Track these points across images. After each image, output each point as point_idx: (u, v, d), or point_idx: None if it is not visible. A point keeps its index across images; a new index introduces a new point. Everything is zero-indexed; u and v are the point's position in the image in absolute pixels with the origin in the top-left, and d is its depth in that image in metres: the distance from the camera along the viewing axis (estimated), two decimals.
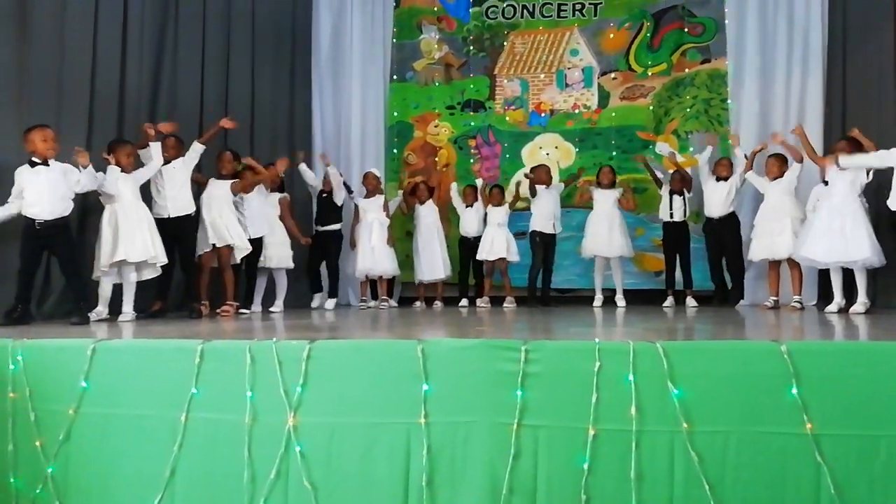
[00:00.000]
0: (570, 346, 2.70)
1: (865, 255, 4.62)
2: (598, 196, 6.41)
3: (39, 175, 4.25)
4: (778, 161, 5.76)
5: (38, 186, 4.24)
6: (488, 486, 2.57)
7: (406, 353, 2.69)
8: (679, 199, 6.25)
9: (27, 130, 4.31)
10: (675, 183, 6.30)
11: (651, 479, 2.51)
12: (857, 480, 2.43)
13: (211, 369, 2.78)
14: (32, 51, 4.79)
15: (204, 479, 2.75)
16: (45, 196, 4.23)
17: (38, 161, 4.26)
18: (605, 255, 6.31)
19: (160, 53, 5.83)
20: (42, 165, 4.27)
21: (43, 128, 4.30)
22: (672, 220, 6.24)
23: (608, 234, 6.25)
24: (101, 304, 4.64)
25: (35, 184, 4.24)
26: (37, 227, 4.22)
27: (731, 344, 2.78)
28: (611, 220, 6.28)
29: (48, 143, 4.27)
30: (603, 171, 6.49)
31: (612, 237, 6.25)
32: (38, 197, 4.23)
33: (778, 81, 6.59)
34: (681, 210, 6.23)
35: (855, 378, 2.47)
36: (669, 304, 6.16)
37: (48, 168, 4.28)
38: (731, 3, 6.81)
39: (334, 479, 2.67)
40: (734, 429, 2.49)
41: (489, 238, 6.45)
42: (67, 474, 2.85)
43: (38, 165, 4.26)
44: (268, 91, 6.71)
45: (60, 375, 2.89)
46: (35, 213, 4.22)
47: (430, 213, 6.73)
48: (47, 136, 4.27)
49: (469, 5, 7.37)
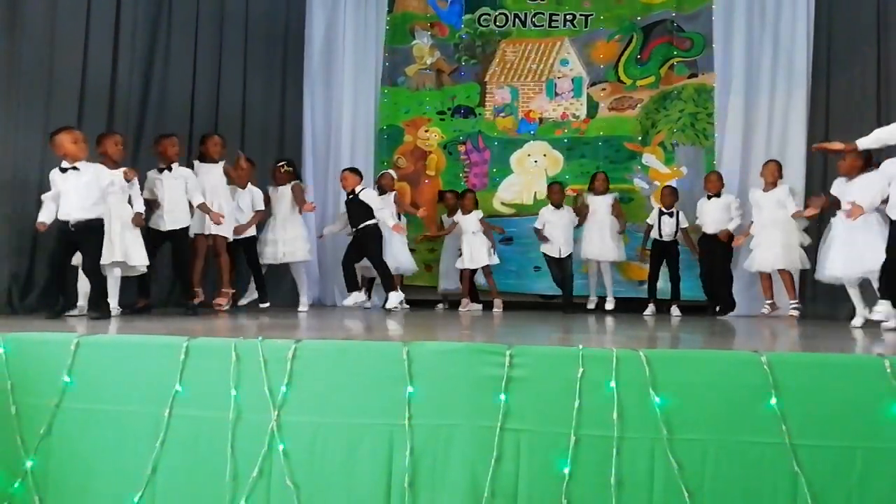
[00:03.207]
0: (554, 351, 2.72)
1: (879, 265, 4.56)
2: (591, 202, 6.47)
3: (70, 180, 4.21)
4: (774, 166, 5.82)
5: (70, 191, 4.20)
6: (470, 489, 2.58)
7: (391, 355, 2.71)
8: (668, 219, 6.26)
9: (54, 133, 4.26)
10: (664, 200, 6.34)
11: (631, 485, 2.54)
12: (834, 491, 2.47)
13: (196, 366, 2.77)
14: (23, 46, 4.76)
15: (186, 477, 2.73)
16: (78, 199, 4.20)
17: (68, 166, 4.22)
18: (597, 258, 6.37)
19: (152, 52, 5.82)
20: (73, 170, 4.22)
21: (71, 129, 4.27)
22: (661, 238, 6.28)
23: (600, 239, 6.33)
24: (81, 300, 4.61)
25: (68, 188, 4.20)
26: (71, 228, 4.20)
27: (713, 353, 2.82)
28: (603, 226, 6.35)
29: (79, 145, 4.24)
30: (597, 178, 6.54)
31: (603, 242, 6.32)
32: (72, 199, 4.19)
33: (762, 99, 6.68)
34: (670, 230, 6.25)
35: (833, 390, 2.52)
36: (650, 312, 6.20)
37: (79, 172, 4.22)
38: (718, 20, 6.91)
39: (317, 478, 2.67)
40: (714, 437, 2.52)
41: (467, 247, 6.46)
42: (47, 469, 2.82)
43: (70, 170, 4.21)
44: (259, 93, 6.71)
45: (43, 369, 2.86)
46: (69, 214, 4.20)
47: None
48: (77, 137, 4.24)
49: (461, 12, 7.42)
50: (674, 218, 6.27)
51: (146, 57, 5.76)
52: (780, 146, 6.51)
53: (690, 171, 6.89)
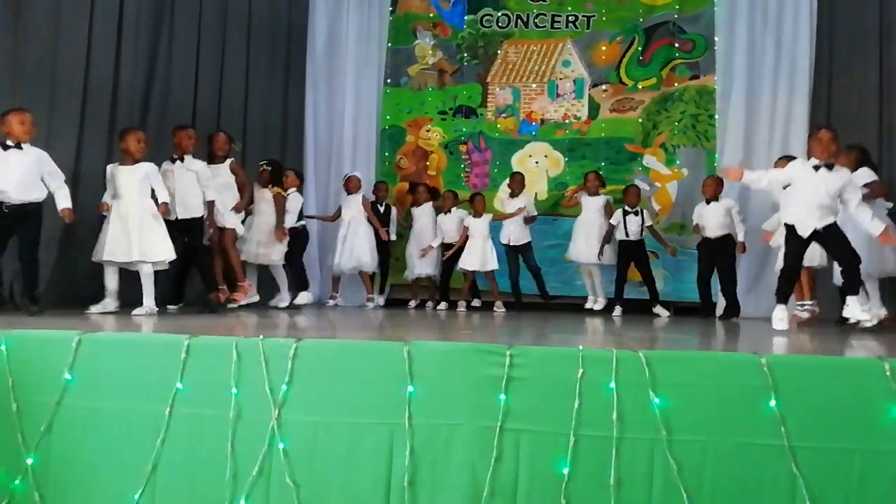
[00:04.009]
0: (554, 352, 2.73)
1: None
2: (583, 202, 6.48)
3: (10, 157, 4.21)
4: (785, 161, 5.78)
5: (10, 169, 4.19)
6: (469, 489, 2.59)
7: (392, 354, 2.71)
8: (634, 218, 6.24)
9: (4, 113, 4.27)
10: (628, 199, 6.30)
11: (630, 485, 2.54)
12: (833, 493, 2.47)
13: (197, 365, 2.78)
14: (26, 42, 4.78)
15: (186, 475, 2.74)
16: (16, 179, 4.19)
17: (12, 144, 4.23)
18: (584, 260, 6.38)
19: (155, 49, 5.82)
20: (15, 149, 4.23)
21: (21, 111, 4.28)
22: (627, 238, 6.25)
23: (586, 240, 6.33)
24: (109, 297, 4.60)
25: (7, 166, 4.19)
26: (5, 209, 4.19)
27: (712, 355, 2.83)
28: (591, 227, 6.35)
29: (25, 127, 4.25)
30: (589, 178, 6.52)
31: (590, 244, 6.31)
32: (8, 179, 4.18)
33: (764, 100, 6.67)
34: (635, 228, 6.22)
35: (832, 392, 2.52)
36: (618, 313, 6.11)
37: (22, 151, 4.24)
38: (721, 22, 6.90)
39: (317, 477, 2.68)
40: (713, 438, 2.53)
41: (478, 249, 6.46)
42: (48, 466, 2.83)
43: (11, 148, 4.23)
44: (262, 92, 6.72)
45: (44, 366, 2.87)
46: (3, 195, 4.18)
47: (425, 214, 6.76)
48: (25, 119, 4.25)
49: (464, 13, 7.43)
50: (639, 217, 6.27)
51: (149, 54, 5.77)
52: (781, 148, 6.49)
53: (691, 173, 6.88)
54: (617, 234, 6.33)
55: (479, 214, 6.57)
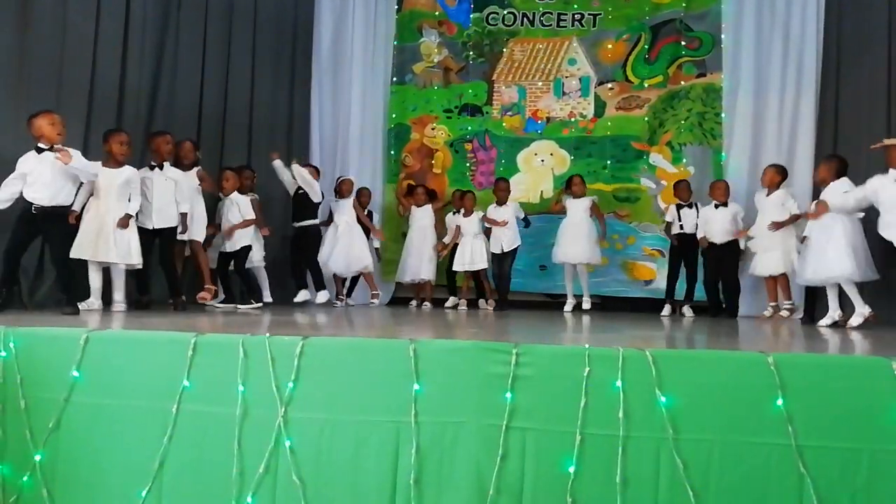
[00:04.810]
0: (561, 350, 2.73)
1: (845, 270, 4.57)
2: (568, 205, 6.46)
3: (45, 161, 4.20)
4: (774, 170, 5.83)
5: (44, 172, 4.19)
6: (475, 487, 2.59)
7: (398, 352, 2.71)
8: (689, 210, 6.26)
9: (33, 116, 4.26)
10: (682, 194, 6.33)
11: (636, 484, 2.54)
12: (840, 492, 2.46)
13: (203, 362, 2.79)
14: (33, 43, 4.80)
15: (192, 472, 2.75)
16: (49, 181, 4.20)
17: (45, 147, 4.22)
18: (571, 261, 6.38)
19: (161, 49, 5.85)
20: (48, 151, 4.22)
21: (49, 113, 4.27)
22: (682, 231, 6.24)
23: (573, 241, 6.32)
24: (94, 296, 4.63)
25: (41, 169, 4.19)
26: (34, 211, 4.20)
27: (719, 354, 2.82)
28: (578, 229, 6.34)
29: (56, 128, 4.23)
30: (573, 181, 6.51)
31: (577, 244, 6.31)
32: (41, 182, 4.19)
33: (772, 98, 6.65)
34: (692, 221, 6.21)
35: (840, 391, 2.51)
36: (667, 312, 6.14)
37: (54, 153, 4.22)
38: (727, 19, 6.88)
39: (323, 475, 2.68)
40: (720, 437, 2.52)
41: (468, 249, 6.48)
42: (56, 463, 2.85)
43: (45, 151, 4.22)
44: (267, 90, 6.74)
45: (52, 364, 2.88)
46: (35, 197, 4.19)
47: (425, 216, 6.76)
48: (55, 120, 4.24)
49: (470, 11, 7.42)
50: (693, 209, 6.26)
51: (155, 54, 5.79)
52: (789, 146, 6.49)
53: (698, 171, 6.86)
54: (673, 229, 6.32)
55: (469, 213, 6.58)
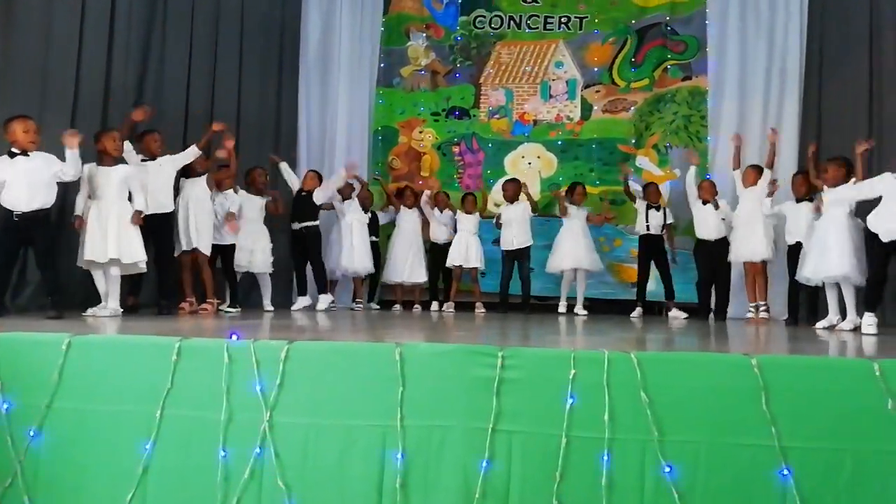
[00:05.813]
0: (546, 353, 2.73)
1: (845, 270, 4.60)
2: (570, 212, 6.48)
3: (18, 166, 4.19)
4: (755, 171, 5.91)
5: (17, 177, 4.17)
6: (462, 490, 2.59)
7: (384, 356, 2.71)
8: (655, 213, 6.32)
9: (8, 120, 4.25)
10: (651, 196, 6.38)
11: (622, 486, 2.54)
12: (824, 493, 2.48)
13: (188, 367, 2.77)
14: (17, 42, 4.76)
15: (177, 477, 2.72)
16: (25, 187, 4.17)
17: (17, 152, 4.21)
18: (570, 267, 6.39)
19: (147, 49, 5.82)
20: (21, 156, 4.21)
21: (24, 118, 4.24)
22: (648, 232, 6.31)
23: (573, 248, 6.35)
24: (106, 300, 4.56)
25: (14, 175, 4.18)
26: (15, 218, 4.16)
27: (704, 356, 2.83)
28: (578, 235, 6.37)
29: (29, 135, 4.22)
30: (578, 191, 6.55)
31: (576, 251, 6.34)
32: (18, 188, 4.16)
33: (756, 102, 6.73)
34: (657, 223, 6.30)
35: (823, 393, 2.53)
36: (637, 315, 6.19)
37: (28, 158, 4.21)
38: (713, 24, 6.95)
39: (309, 479, 2.67)
40: (704, 439, 2.53)
41: (462, 246, 6.50)
42: (38, 469, 2.81)
43: (18, 156, 4.20)
44: (255, 92, 6.72)
45: (34, 369, 2.84)
46: (13, 203, 4.16)
47: (413, 217, 6.76)
48: (29, 127, 4.23)
49: (457, 14, 7.44)
50: (660, 212, 6.32)
51: (141, 54, 5.76)
52: None
53: (684, 174, 6.87)
54: (637, 228, 6.36)
55: (470, 213, 6.63)
